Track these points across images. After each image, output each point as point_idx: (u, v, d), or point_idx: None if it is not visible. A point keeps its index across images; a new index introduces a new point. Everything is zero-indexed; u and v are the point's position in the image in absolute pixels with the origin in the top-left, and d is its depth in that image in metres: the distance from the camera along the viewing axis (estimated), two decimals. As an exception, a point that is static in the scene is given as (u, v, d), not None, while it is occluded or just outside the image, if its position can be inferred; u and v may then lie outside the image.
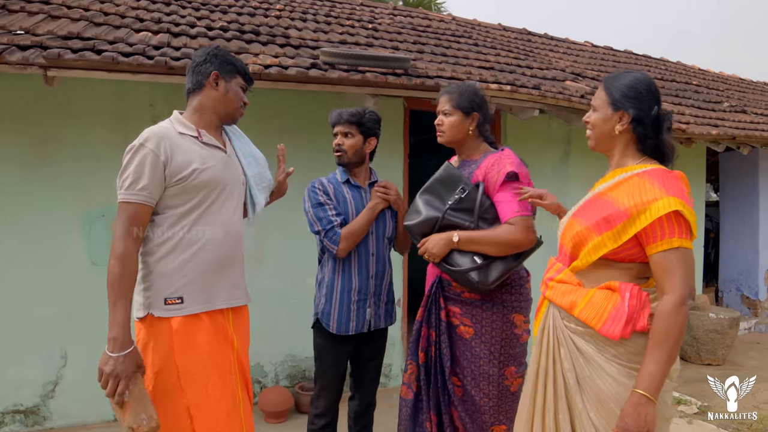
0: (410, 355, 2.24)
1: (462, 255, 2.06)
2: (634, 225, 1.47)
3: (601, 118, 1.64)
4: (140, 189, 1.68)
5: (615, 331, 1.49)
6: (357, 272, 2.39)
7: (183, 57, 3.17)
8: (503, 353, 2.11)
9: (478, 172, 2.13)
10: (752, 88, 8.37)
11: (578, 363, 1.58)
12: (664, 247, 1.44)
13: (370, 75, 3.53)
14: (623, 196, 1.52)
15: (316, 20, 5.09)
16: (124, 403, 1.57)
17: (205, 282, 1.78)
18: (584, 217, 1.62)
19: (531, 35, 7.32)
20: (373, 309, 2.42)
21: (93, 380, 3.53)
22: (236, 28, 4.12)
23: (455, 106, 2.16)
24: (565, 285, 1.66)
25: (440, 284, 2.19)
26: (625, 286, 1.52)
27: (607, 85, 1.65)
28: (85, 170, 3.48)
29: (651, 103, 1.59)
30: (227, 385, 1.79)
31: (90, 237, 3.50)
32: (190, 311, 1.74)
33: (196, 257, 1.77)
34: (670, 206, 1.43)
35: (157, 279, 1.74)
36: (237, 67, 1.92)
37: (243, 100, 1.95)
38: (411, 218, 2.18)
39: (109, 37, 3.23)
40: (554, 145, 5.05)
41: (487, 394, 2.10)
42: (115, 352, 1.58)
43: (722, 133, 5.06)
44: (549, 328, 1.68)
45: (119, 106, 3.57)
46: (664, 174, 1.52)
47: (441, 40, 5.45)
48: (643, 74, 1.64)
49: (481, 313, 2.12)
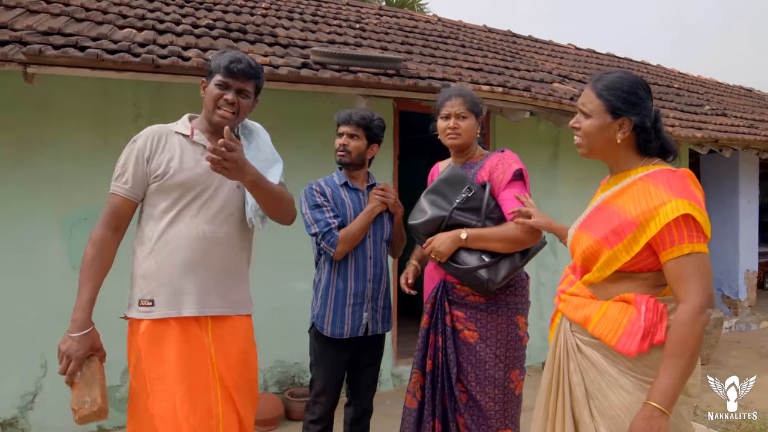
0: (415, 364, 2.20)
1: (470, 253, 2.04)
2: (644, 234, 1.40)
3: (597, 126, 1.52)
4: (123, 182, 1.74)
5: (631, 347, 1.41)
6: (354, 275, 2.35)
7: (170, 55, 3.07)
8: (508, 356, 2.10)
9: (482, 172, 2.14)
10: (729, 91, 8.54)
11: (589, 376, 1.53)
12: (676, 254, 1.37)
13: (362, 75, 3.47)
14: (629, 204, 1.45)
15: (303, 19, 5.01)
16: (73, 383, 1.60)
17: (173, 286, 1.73)
18: (592, 229, 1.54)
19: (516, 37, 7.35)
20: (370, 313, 2.37)
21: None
22: (222, 27, 4.02)
23: (470, 109, 2.16)
24: (577, 298, 1.60)
25: (444, 288, 2.16)
26: (641, 299, 1.44)
27: (601, 89, 1.52)
28: (65, 172, 3.35)
29: (650, 104, 1.52)
30: (198, 400, 1.68)
31: (71, 241, 3.36)
32: (158, 315, 1.71)
33: (167, 260, 1.73)
34: (678, 210, 1.35)
35: (137, 280, 1.76)
36: (212, 66, 1.82)
37: (222, 98, 1.76)
38: (416, 217, 2.14)
39: (91, 33, 3.10)
40: (543, 147, 5.06)
41: (493, 398, 2.08)
42: (72, 333, 1.61)
43: (706, 135, 5.12)
44: (561, 340, 1.64)
45: (101, 106, 3.45)
46: (669, 175, 1.44)
47: (428, 41, 5.42)
48: (632, 74, 1.54)
49: (486, 316, 2.10)
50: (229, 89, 1.77)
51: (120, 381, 3.44)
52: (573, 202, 4.82)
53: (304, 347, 2.53)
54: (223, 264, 1.81)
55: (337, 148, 2.38)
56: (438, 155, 2.30)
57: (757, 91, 9.60)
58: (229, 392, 1.77)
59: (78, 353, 1.59)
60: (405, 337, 4.70)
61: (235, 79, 1.77)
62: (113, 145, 3.44)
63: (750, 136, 5.58)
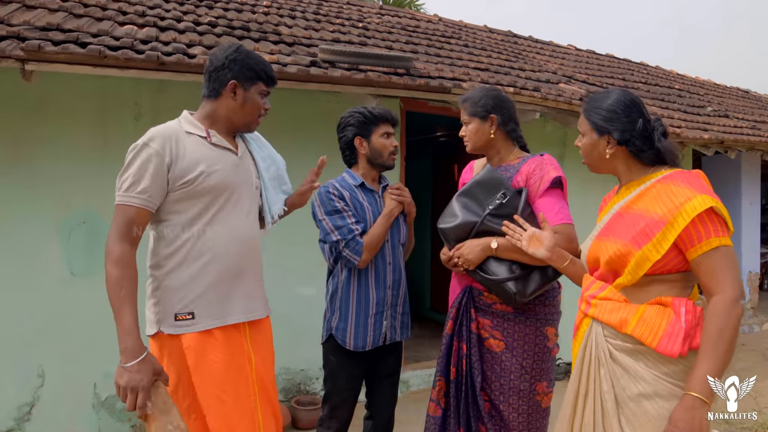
0: (439, 371, 2.11)
1: (499, 263, 1.95)
2: (672, 230, 1.41)
3: (589, 145, 1.64)
4: (140, 192, 1.57)
5: (674, 349, 1.40)
6: (375, 283, 2.23)
7: (174, 52, 2.96)
8: (535, 368, 2.02)
9: (518, 177, 2.03)
10: (728, 93, 8.55)
11: (620, 384, 1.49)
12: (704, 249, 1.40)
13: (372, 74, 3.37)
14: (653, 205, 1.47)
15: (305, 18, 4.91)
16: (147, 416, 1.44)
17: (217, 295, 1.66)
18: (616, 234, 1.53)
19: (516, 37, 7.29)
20: (390, 321, 2.26)
21: (72, 400, 3.27)
22: (225, 24, 3.91)
23: (470, 113, 2.11)
24: (611, 302, 1.55)
25: (470, 294, 2.07)
26: (679, 302, 1.44)
27: (587, 110, 1.64)
28: (63, 173, 3.22)
29: (632, 119, 1.56)
30: (244, 408, 1.65)
31: (69, 246, 3.23)
32: (201, 327, 1.62)
33: (206, 269, 1.65)
34: (704, 203, 1.38)
35: (167, 293, 1.63)
36: (258, 72, 1.75)
37: (263, 108, 1.79)
38: (446, 221, 2.04)
39: (92, 29, 2.98)
40: (550, 148, 4.98)
41: (517, 410, 2.01)
42: (127, 363, 1.44)
43: (713, 137, 5.08)
44: (591, 347, 1.57)
45: (101, 105, 3.32)
46: (686, 174, 1.49)
47: (432, 41, 5.34)
48: (619, 92, 1.61)
49: (513, 326, 2.02)
50: (265, 97, 1.79)
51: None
52: (579, 202, 4.73)
53: (310, 354, 2.43)
54: (258, 265, 1.80)
55: (392, 150, 2.28)
56: (440, 156, 2.22)
57: (753, 92, 9.62)
58: (267, 396, 1.73)
59: (143, 383, 1.43)
60: (410, 341, 4.61)
61: (273, 87, 1.81)
62: (113, 146, 3.33)
63: (755, 137, 5.55)
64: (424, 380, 4.27)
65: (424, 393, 4.14)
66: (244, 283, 1.72)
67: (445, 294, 2.36)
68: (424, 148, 6.69)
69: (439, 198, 6.28)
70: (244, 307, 1.71)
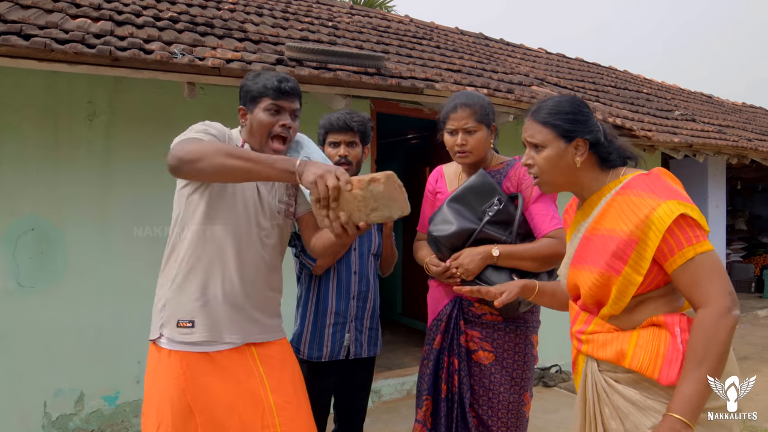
0: (426, 390, 2.00)
1: (498, 272, 1.86)
2: (647, 247, 1.29)
3: (554, 156, 1.43)
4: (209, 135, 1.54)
5: (677, 377, 1.28)
6: (335, 292, 2.11)
7: (130, 47, 2.76)
8: (524, 378, 1.97)
9: (507, 182, 1.96)
10: (693, 97, 8.71)
11: (630, 422, 1.35)
12: (679, 261, 1.27)
13: (342, 73, 3.24)
14: (618, 222, 1.34)
15: (273, 15, 4.75)
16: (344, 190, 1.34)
17: (219, 315, 1.59)
18: (590, 262, 1.41)
19: (488, 39, 7.26)
20: (354, 334, 2.13)
21: (19, 420, 3.02)
22: (188, 20, 3.72)
23: (480, 120, 1.90)
24: (601, 335, 1.42)
25: (460, 306, 1.97)
26: (672, 320, 1.32)
27: (546, 117, 1.45)
28: (8, 177, 2.99)
29: (594, 121, 1.46)
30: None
31: (15, 255, 3.00)
32: (200, 348, 1.55)
33: (208, 284, 1.58)
34: (672, 212, 1.26)
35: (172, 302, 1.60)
36: (257, 91, 1.61)
37: (277, 125, 1.61)
38: (441, 229, 1.92)
39: (39, 21, 2.77)
40: (522, 151, 4.90)
41: (506, 423, 1.93)
42: (298, 164, 1.36)
43: (682, 140, 5.12)
44: (589, 385, 1.45)
45: (51, 103, 3.10)
46: (645, 179, 1.36)
47: (403, 41, 5.24)
48: (569, 96, 1.50)
49: (503, 336, 1.94)
50: (282, 112, 1.61)
51: (73, 410, 3.10)
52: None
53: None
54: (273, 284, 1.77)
55: (338, 161, 2.08)
56: (411, 159, 2.09)
57: (716, 97, 9.85)
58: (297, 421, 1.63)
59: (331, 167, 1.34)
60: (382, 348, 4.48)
61: (287, 100, 1.61)
62: (65, 148, 3.11)
63: (722, 141, 5.63)
64: (397, 389, 4.14)
65: (396, 403, 4.01)
66: (250, 305, 1.64)
67: (417, 299, 2.25)
68: (395, 151, 6.58)
69: (411, 202, 6.17)
70: (248, 329, 1.63)
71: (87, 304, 3.14)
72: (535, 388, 4.42)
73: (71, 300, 3.11)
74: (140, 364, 3.20)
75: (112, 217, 3.22)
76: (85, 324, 3.13)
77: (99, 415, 3.16)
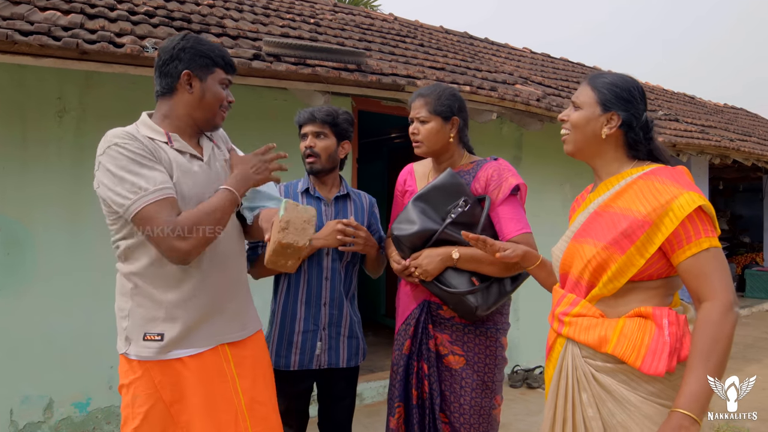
0: (398, 397, 1.93)
1: (458, 275, 1.80)
2: (659, 232, 1.30)
3: (584, 118, 1.45)
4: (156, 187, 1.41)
5: (659, 367, 1.28)
6: (304, 298, 2.01)
7: (99, 40, 2.67)
8: (495, 380, 1.93)
9: (476, 184, 1.90)
10: (676, 98, 8.76)
11: (606, 408, 1.35)
12: (694, 250, 1.27)
13: (321, 69, 3.17)
14: (635, 203, 1.34)
15: (254, 12, 4.65)
16: None
17: (191, 319, 1.51)
18: (594, 236, 1.40)
19: (472, 39, 7.23)
20: (327, 343, 2.02)
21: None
22: (164, 15, 3.62)
23: (432, 111, 1.89)
24: (586, 318, 1.41)
25: (428, 309, 1.91)
26: (660, 312, 1.32)
27: (595, 82, 1.47)
28: (-27, 174, 2.88)
29: (642, 107, 1.46)
30: None
31: (-20, 256, 2.89)
32: (171, 355, 1.48)
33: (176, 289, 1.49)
34: (693, 202, 1.27)
35: (137, 312, 1.50)
36: (213, 58, 1.54)
37: (226, 100, 1.58)
38: (402, 228, 1.86)
39: (4, 12, 2.66)
40: (506, 150, 4.90)
41: (477, 429, 1.88)
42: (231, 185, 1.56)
43: (666, 140, 5.12)
44: (567, 369, 1.43)
45: (18, 98, 2.99)
46: (671, 170, 1.38)
47: (387, 39, 5.18)
48: (631, 77, 1.49)
49: (474, 339, 1.89)
50: (227, 88, 1.61)
51: (42, 417, 2.99)
52: (534, 205, 4.67)
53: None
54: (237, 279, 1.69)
55: (304, 152, 2.03)
56: (394, 158, 2.02)
57: (698, 98, 9.93)
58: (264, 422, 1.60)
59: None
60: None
61: (233, 75, 1.62)
62: (34, 145, 3.00)
63: (705, 141, 5.65)
64: (379, 392, 4.07)
65: (378, 406, 3.94)
66: (223, 304, 1.57)
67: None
68: (378, 150, 6.52)
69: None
70: (222, 329, 1.57)
71: (57, 307, 3.03)
72: (518, 389, 4.39)
73: (40, 303, 2.99)
74: (113, 369, 3.10)
75: (84, 218, 3.11)
76: (55, 328, 3.02)
77: (69, 423, 3.05)
